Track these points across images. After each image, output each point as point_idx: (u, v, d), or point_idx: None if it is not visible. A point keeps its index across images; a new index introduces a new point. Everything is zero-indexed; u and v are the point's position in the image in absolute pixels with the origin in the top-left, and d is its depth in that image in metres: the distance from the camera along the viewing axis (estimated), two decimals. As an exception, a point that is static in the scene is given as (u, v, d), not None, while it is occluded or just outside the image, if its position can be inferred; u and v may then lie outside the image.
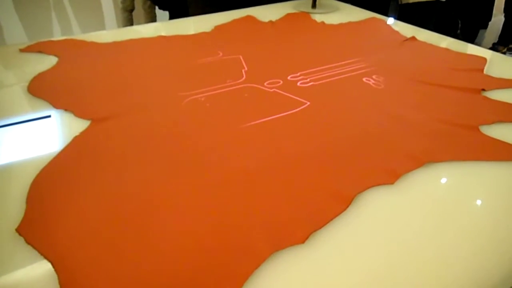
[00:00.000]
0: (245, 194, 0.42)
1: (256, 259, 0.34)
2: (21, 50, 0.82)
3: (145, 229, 0.38)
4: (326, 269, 0.34)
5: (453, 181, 0.45)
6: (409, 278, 0.33)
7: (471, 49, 0.82)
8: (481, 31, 2.61)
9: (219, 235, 0.37)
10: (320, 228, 0.37)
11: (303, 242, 0.36)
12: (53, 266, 0.34)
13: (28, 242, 0.36)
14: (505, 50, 2.55)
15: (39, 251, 0.35)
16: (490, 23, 2.61)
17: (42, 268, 0.34)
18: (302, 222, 0.38)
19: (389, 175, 0.44)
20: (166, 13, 2.19)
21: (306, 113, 0.58)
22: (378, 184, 0.43)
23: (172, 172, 0.46)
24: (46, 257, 0.35)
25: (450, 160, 0.47)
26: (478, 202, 0.42)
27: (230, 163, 0.47)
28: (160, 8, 2.20)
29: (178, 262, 0.34)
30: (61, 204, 0.41)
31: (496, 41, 2.62)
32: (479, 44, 0.84)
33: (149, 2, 2.28)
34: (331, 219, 0.38)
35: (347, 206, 0.40)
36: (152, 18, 2.33)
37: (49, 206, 0.41)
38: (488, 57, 0.77)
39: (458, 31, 2.46)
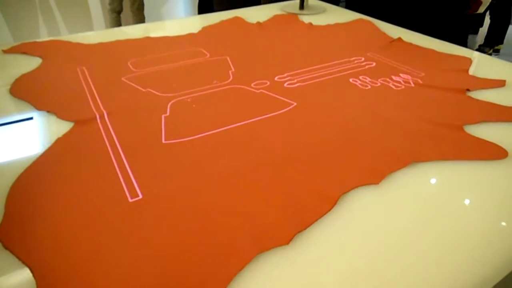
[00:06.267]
0: (230, 195, 0.42)
1: (240, 261, 0.34)
2: (4, 51, 0.80)
3: (128, 233, 0.37)
4: (311, 270, 0.34)
5: (438, 180, 0.45)
6: (395, 280, 0.33)
7: (457, 50, 0.83)
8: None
9: (203, 236, 0.37)
10: (304, 229, 0.37)
11: (287, 243, 0.36)
12: (32, 272, 0.33)
13: (6, 247, 0.35)
14: (490, 51, 2.59)
15: (17, 257, 0.34)
16: (476, 25, 2.66)
17: (21, 274, 0.33)
18: (286, 223, 0.38)
19: (374, 175, 0.44)
20: (156, 15, 2.18)
21: (293, 114, 0.58)
22: (363, 184, 0.43)
23: (156, 173, 0.45)
24: (24, 263, 0.34)
25: (435, 160, 0.48)
26: (463, 201, 0.42)
27: (215, 164, 0.47)
28: None
29: (162, 264, 0.34)
30: (42, 208, 0.40)
31: (482, 43, 2.67)
32: (465, 46, 0.85)
33: (137, 4, 2.27)
34: (316, 220, 0.38)
35: (332, 207, 0.40)
36: (141, 20, 2.32)
37: (29, 210, 0.40)
38: (473, 58, 0.77)
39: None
